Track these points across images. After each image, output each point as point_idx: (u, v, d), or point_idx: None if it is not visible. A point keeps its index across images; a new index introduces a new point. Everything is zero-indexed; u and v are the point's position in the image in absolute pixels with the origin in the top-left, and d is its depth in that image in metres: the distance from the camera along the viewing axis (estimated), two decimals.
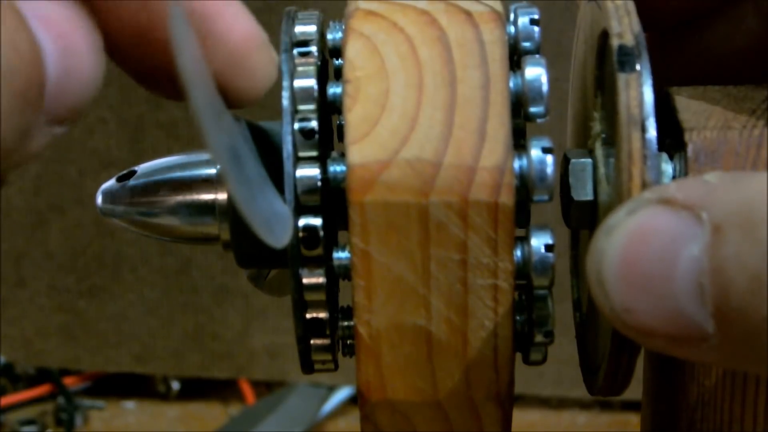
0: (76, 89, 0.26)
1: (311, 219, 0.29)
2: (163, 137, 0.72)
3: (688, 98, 0.31)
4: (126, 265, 0.74)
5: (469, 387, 0.29)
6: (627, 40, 0.29)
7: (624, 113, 0.28)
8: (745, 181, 0.25)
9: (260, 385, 0.77)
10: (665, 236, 0.24)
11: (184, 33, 0.24)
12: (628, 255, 0.25)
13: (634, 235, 0.25)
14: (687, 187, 0.25)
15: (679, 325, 0.24)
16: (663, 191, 0.25)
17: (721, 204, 0.24)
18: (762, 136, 0.29)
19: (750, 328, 0.24)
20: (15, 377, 0.78)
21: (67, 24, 0.26)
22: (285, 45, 0.30)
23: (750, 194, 0.24)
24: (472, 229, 0.28)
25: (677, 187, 0.25)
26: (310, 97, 0.29)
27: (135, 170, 0.32)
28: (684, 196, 0.25)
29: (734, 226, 0.24)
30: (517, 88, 0.29)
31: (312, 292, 0.30)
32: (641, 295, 0.25)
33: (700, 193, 0.25)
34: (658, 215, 0.25)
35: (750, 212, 0.24)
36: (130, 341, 0.76)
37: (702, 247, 0.24)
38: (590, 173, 0.31)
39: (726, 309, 0.24)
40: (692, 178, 0.26)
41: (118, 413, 0.76)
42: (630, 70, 0.28)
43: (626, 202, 0.26)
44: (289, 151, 0.29)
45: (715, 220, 0.24)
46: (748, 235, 0.24)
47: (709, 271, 0.24)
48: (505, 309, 0.29)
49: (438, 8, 0.29)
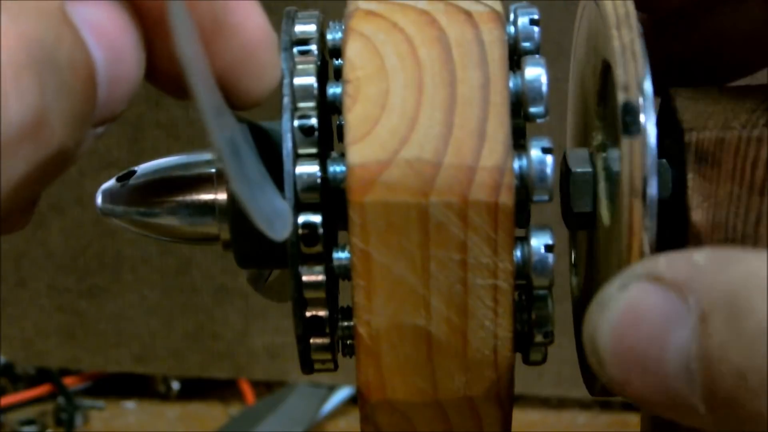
0: (122, 94, 0.26)
1: (311, 216, 0.29)
2: (163, 137, 0.72)
3: (688, 98, 0.31)
4: (126, 265, 0.74)
5: (469, 387, 0.29)
6: (632, 95, 0.28)
7: (626, 183, 0.28)
8: (731, 266, 0.25)
9: (260, 385, 0.77)
10: (655, 317, 0.25)
11: (186, 27, 0.24)
12: (621, 333, 0.25)
13: (626, 314, 0.25)
14: (676, 267, 0.25)
15: (672, 400, 0.25)
16: (653, 267, 0.26)
17: (706, 290, 0.25)
18: (762, 136, 0.29)
19: (740, 417, 0.24)
20: (15, 377, 0.78)
21: (116, 30, 0.26)
22: (285, 43, 0.30)
23: (735, 281, 0.24)
24: (472, 230, 0.28)
25: (667, 264, 0.25)
26: (309, 94, 0.29)
27: (135, 170, 0.32)
28: (672, 276, 0.25)
29: (719, 316, 0.24)
30: (516, 88, 0.29)
31: (312, 289, 0.30)
32: (634, 371, 0.25)
33: (687, 275, 0.25)
34: (649, 294, 0.25)
35: (734, 302, 0.24)
36: (130, 341, 0.76)
37: (689, 333, 0.25)
38: (590, 184, 0.30)
39: (715, 397, 0.24)
40: (682, 255, 0.26)
41: (118, 413, 0.76)
42: (635, 131, 0.28)
43: (619, 276, 0.26)
44: (288, 148, 0.29)
45: (701, 307, 0.24)
46: (732, 328, 0.24)
47: (697, 358, 0.24)
48: (505, 309, 0.29)
49: (438, 8, 0.29)
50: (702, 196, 0.29)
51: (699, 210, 0.29)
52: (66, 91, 0.25)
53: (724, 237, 0.29)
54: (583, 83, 0.33)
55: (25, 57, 0.23)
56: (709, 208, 0.29)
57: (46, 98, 0.24)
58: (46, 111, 0.24)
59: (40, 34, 0.24)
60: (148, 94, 0.71)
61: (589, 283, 0.32)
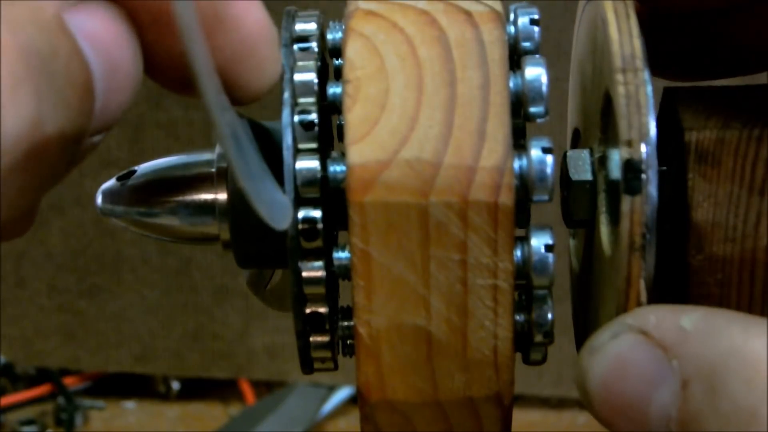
0: (119, 103, 0.26)
1: (311, 211, 0.29)
2: (163, 137, 0.72)
3: (688, 98, 0.31)
4: (126, 265, 0.74)
5: (469, 387, 0.29)
6: (635, 153, 0.27)
7: (625, 239, 0.28)
8: (715, 339, 0.25)
9: (260, 385, 0.77)
10: (641, 372, 0.26)
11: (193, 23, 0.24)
12: (610, 382, 0.27)
13: (615, 364, 0.27)
14: (663, 329, 0.26)
15: None
16: (643, 322, 0.27)
17: (689, 358, 0.26)
18: (762, 135, 0.29)
19: None
20: (15, 377, 0.78)
21: (113, 39, 0.26)
22: (285, 40, 0.30)
23: (716, 356, 0.25)
24: (471, 230, 0.28)
25: (656, 323, 0.27)
26: (310, 90, 0.29)
27: (135, 170, 0.32)
28: (659, 337, 0.26)
29: (699, 387, 0.25)
30: (517, 88, 0.29)
31: (311, 285, 0.29)
32: (621, 418, 0.27)
33: (673, 340, 0.26)
34: (637, 348, 0.27)
35: (713, 377, 0.25)
36: (130, 341, 0.76)
37: (671, 396, 0.26)
38: (590, 193, 0.30)
39: None
40: (672, 314, 0.27)
41: (118, 413, 0.76)
42: (636, 191, 0.27)
43: (612, 323, 0.27)
44: (288, 143, 0.29)
45: (683, 373, 0.25)
46: (709, 401, 0.25)
47: (676, 421, 0.25)
48: (505, 309, 0.29)
49: (438, 8, 0.29)
50: (702, 196, 0.29)
51: (699, 209, 0.29)
52: (63, 102, 0.24)
53: (724, 237, 0.29)
54: (583, 81, 0.33)
55: (22, 68, 0.23)
56: (709, 208, 0.29)
57: (43, 109, 0.24)
58: (43, 122, 0.24)
59: (37, 45, 0.24)
60: (148, 94, 0.71)
61: (587, 275, 0.32)
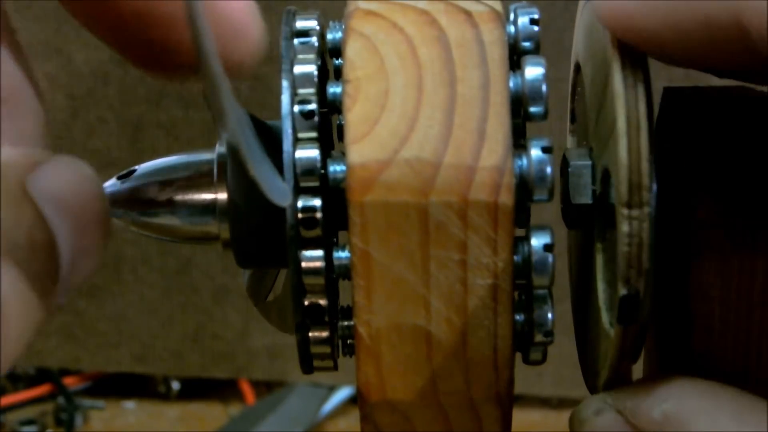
0: (86, 266, 0.26)
1: (310, 199, 0.29)
2: (163, 137, 0.72)
3: (687, 98, 0.31)
4: (126, 265, 0.74)
5: (469, 387, 0.29)
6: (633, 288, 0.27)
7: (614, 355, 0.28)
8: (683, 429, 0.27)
9: (260, 385, 0.77)
10: None
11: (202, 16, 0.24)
12: None
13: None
14: (640, 414, 0.28)
15: None
16: (625, 403, 0.28)
17: None
18: None
19: None
20: (15, 377, 0.78)
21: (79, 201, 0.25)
22: (285, 34, 0.30)
23: None
24: (471, 229, 0.28)
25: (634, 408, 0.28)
26: (309, 81, 0.29)
27: (135, 170, 0.32)
28: (636, 423, 0.28)
29: None
30: (517, 88, 0.29)
31: (311, 276, 0.29)
32: None
33: (646, 428, 0.28)
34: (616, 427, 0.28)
35: None
36: (130, 341, 0.76)
37: None
38: (589, 175, 0.30)
39: None
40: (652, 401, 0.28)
41: (118, 413, 0.76)
42: (631, 322, 0.27)
43: (597, 397, 0.29)
44: (288, 132, 0.29)
45: None
46: None
47: None
48: (505, 309, 0.29)
49: (438, 8, 0.29)
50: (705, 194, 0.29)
51: (703, 208, 0.29)
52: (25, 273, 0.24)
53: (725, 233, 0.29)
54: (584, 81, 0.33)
55: None
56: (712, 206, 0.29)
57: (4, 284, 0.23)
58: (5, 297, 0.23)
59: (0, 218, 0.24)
60: (149, 94, 0.71)
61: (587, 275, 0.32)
